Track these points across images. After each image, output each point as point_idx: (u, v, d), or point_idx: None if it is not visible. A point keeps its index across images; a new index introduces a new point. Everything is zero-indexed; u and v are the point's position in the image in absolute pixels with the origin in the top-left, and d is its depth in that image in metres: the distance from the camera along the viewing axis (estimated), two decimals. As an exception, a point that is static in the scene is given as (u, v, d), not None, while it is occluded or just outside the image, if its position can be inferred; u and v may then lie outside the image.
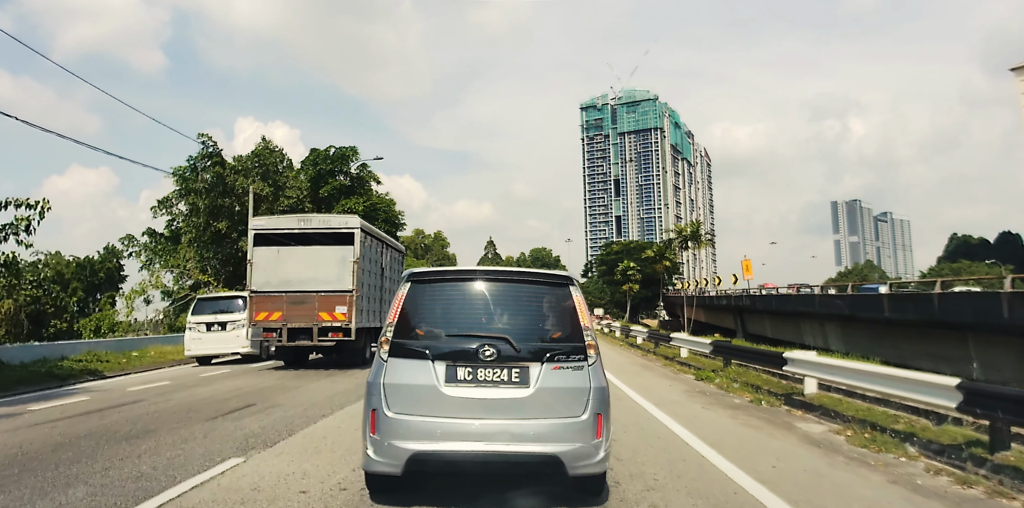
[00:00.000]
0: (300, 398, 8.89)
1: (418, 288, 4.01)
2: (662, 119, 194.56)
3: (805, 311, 27.26)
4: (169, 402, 8.68)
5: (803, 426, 7.28)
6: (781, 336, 31.09)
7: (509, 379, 3.72)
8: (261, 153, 32.50)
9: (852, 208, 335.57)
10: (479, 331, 3.83)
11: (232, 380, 11.70)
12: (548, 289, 4.09)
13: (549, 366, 3.75)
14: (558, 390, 3.73)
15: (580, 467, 3.65)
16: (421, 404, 3.68)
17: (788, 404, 8.84)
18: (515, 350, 3.72)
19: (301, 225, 14.01)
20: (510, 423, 3.65)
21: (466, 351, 3.73)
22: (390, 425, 3.65)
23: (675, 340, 15.90)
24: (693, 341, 14.52)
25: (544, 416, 3.68)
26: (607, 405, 3.84)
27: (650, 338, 20.55)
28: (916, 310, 18.61)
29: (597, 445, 3.70)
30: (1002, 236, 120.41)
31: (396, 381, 3.74)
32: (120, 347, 16.94)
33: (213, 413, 7.52)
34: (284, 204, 31.78)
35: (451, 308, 4.05)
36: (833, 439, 6.44)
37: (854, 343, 24.58)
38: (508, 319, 3.97)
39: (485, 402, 3.69)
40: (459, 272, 4.24)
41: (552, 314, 4.05)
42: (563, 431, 3.67)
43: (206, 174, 31.56)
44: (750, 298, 35.70)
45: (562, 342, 3.87)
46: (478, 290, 4.03)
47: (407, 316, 3.91)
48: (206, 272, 34.15)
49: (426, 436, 3.62)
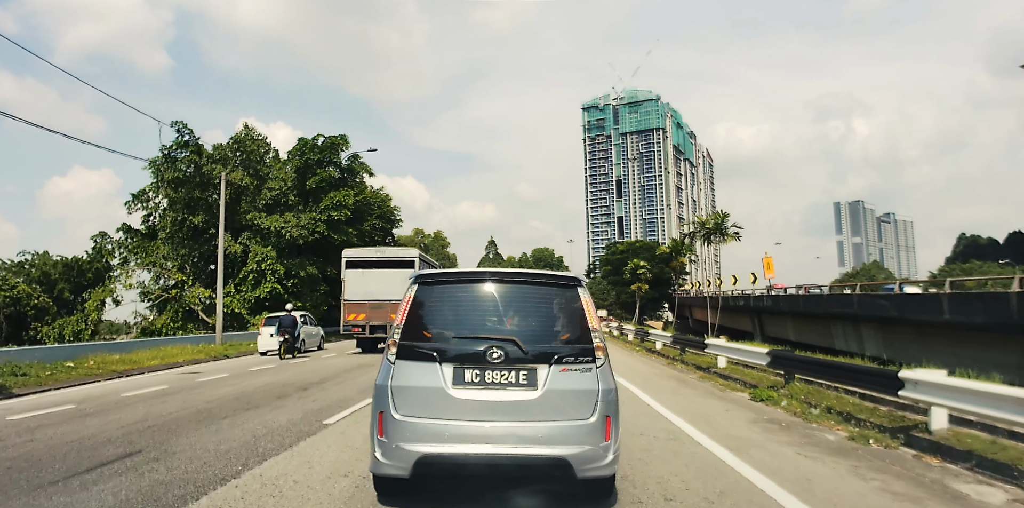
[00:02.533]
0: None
1: (425, 290, 3.97)
2: (664, 119, 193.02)
3: (839, 313, 24.64)
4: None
5: (969, 491, 4.73)
6: (806, 339, 28.47)
7: (517, 381, 3.69)
8: (242, 140, 29.86)
9: (855, 209, 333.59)
10: (487, 333, 3.79)
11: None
12: (556, 290, 4.03)
13: (557, 368, 3.71)
14: (566, 392, 3.69)
15: (589, 470, 3.60)
16: (429, 406, 3.65)
17: (910, 444, 6.27)
18: (523, 352, 3.69)
19: (377, 255, 20.90)
20: (518, 425, 3.60)
21: (474, 353, 3.70)
22: (398, 427, 3.61)
23: (712, 347, 13.27)
24: (739, 349, 11.86)
25: (552, 418, 3.63)
26: (616, 407, 3.78)
27: (675, 343, 17.88)
28: (987, 312, 16.01)
29: (606, 447, 3.66)
30: (1012, 236, 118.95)
31: (404, 383, 3.70)
32: (53, 356, 14.36)
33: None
34: (266, 196, 29.17)
35: (458, 310, 4.00)
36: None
37: (897, 348, 21.97)
38: (516, 321, 3.90)
39: (493, 404, 3.65)
40: (466, 274, 4.19)
41: (560, 316, 3.99)
42: (571, 433, 3.62)
43: (181, 164, 28.98)
44: (772, 298, 33.04)
45: (570, 344, 3.82)
46: (486, 292, 3.99)
47: (414, 318, 3.87)
48: (184, 270, 31.59)
49: (434, 438, 3.57)
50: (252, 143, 29.99)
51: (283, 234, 28.08)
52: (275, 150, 35.79)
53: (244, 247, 29.29)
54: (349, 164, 35.25)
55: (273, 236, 28.31)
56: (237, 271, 29.81)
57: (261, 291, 27.74)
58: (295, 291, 29.01)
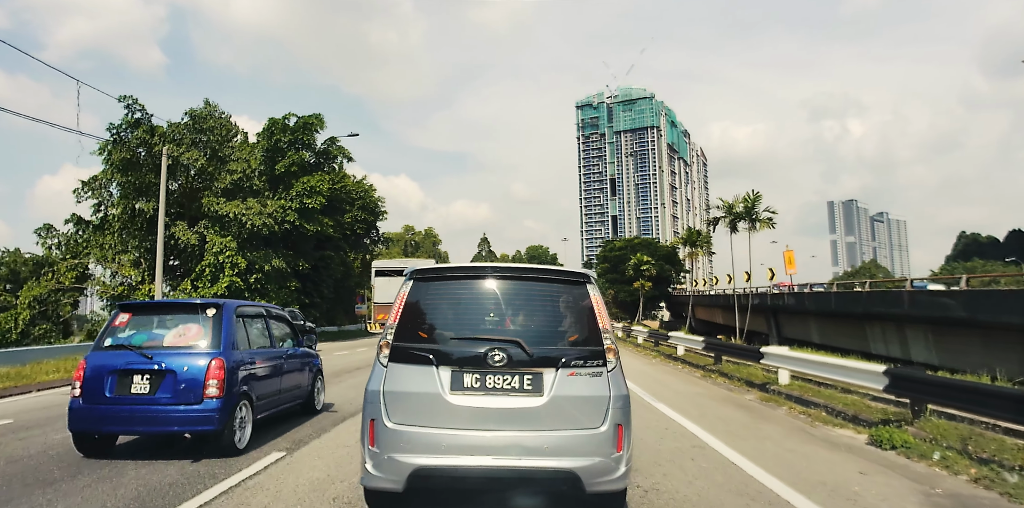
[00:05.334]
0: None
1: (420, 286, 3.68)
2: (658, 117, 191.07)
3: (882, 312, 21.53)
4: None
5: None
6: (834, 342, 25.35)
7: (521, 386, 3.41)
8: (200, 115, 26.32)
9: (849, 208, 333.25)
10: (488, 334, 3.51)
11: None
12: (563, 287, 3.71)
13: (565, 372, 3.43)
14: (575, 399, 3.41)
15: (599, 483, 3.30)
16: (424, 414, 3.38)
17: None
18: (527, 355, 3.42)
19: (401, 265, 25.93)
20: (522, 435, 3.33)
21: (474, 356, 3.43)
22: (390, 437, 3.35)
23: (772, 357, 10.02)
24: (824, 364, 8.47)
25: (559, 427, 3.36)
26: (628, 415, 3.48)
27: (708, 349, 14.57)
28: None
29: (618, 459, 3.36)
30: (1012, 234, 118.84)
31: (397, 389, 3.44)
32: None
33: None
34: (227, 180, 25.65)
35: (457, 308, 3.70)
36: None
37: (955, 354, 18.89)
38: (519, 320, 3.61)
39: (495, 412, 3.37)
40: (465, 268, 3.79)
41: (568, 315, 3.67)
42: (581, 444, 3.33)
43: (131, 144, 25.40)
44: (795, 296, 29.88)
45: (579, 346, 3.53)
46: (487, 289, 3.68)
47: (409, 317, 3.58)
48: (139, 266, 28.02)
49: (430, 449, 3.30)
50: (213, 120, 26.43)
51: (244, 222, 24.63)
52: (244, 133, 32.28)
53: (201, 237, 25.83)
54: (325, 147, 31.76)
55: (234, 225, 24.87)
56: (195, 265, 26.34)
57: (219, 287, 24.29)
58: (258, 287, 25.57)
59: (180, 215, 27.93)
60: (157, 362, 5.33)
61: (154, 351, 5.43)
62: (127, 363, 5.34)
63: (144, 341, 5.63)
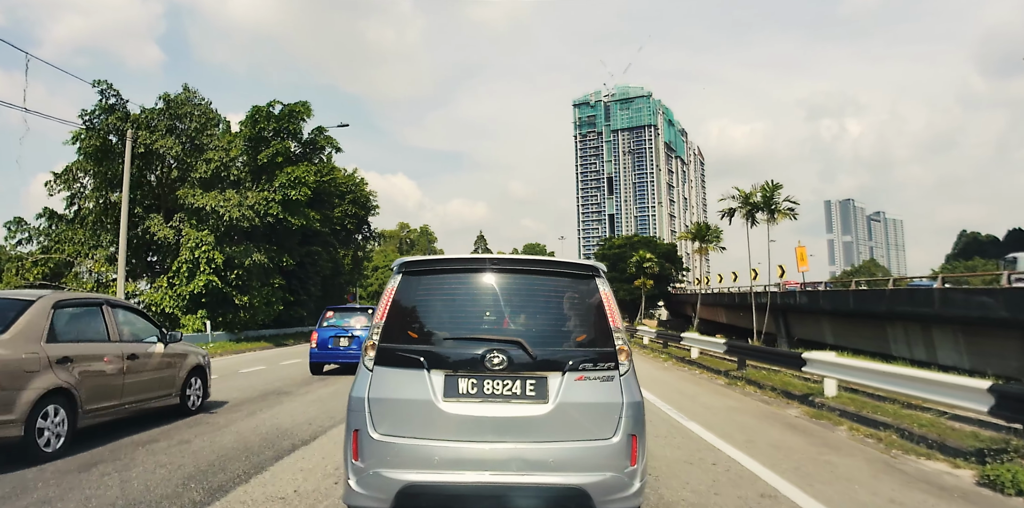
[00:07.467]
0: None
1: (411, 281, 3.27)
2: (656, 116, 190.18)
3: (907, 312, 20.07)
4: None
5: None
6: (850, 343, 23.89)
7: (523, 392, 3.05)
8: (177, 100, 24.63)
9: (845, 208, 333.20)
10: (486, 333, 3.14)
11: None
12: (571, 282, 3.34)
13: (572, 376, 3.06)
14: (583, 406, 3.05)
15: (611, 501, 2.93)
16: (414, 424, 3.01)
17: None
18: (530, 357, 3.05)
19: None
20: (524, 447, 2.96)
21: (470, 358, 3.06)
22: (376, 450, 2.98)
23: (815, 364, 8.47)
24: (897, 376, 6.85)
25: (566, 438, 3.00)
26: (643, 424, 3.11)
27: (731, 352, 13.01)
28: None
29: (632, 473, 2.99)
30: (1012, 233, 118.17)
31: (384, 395, 3.06)
32: None
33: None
34: (202, 169, 23.97)
35: (452, 305, 3.33)
36: None
37: (989, 357, 17.46)
38: (522, 319, 3.25)
39: (493, 421, 3.00)
40: (461, 260, 3.41)
41: (576, 312, 3.30)
42: (590, 457, 2.97)
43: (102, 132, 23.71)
44: (807, 294, 28.42)
45: (587, 347, 3.16)
46: (485, 283, 3.29)
47: (397, 315, 3.21)
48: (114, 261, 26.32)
49: (420, 464, 2.95)
50: (190, 106, 24.74)
51: (222, 215, 22.97)
52: (227, 121, 30.60)
53: (178, 231, 24.20)
54: (313, 137, 30.09)
55: (212, 218, 23.22)
56: (171, 262, 24.71)
57: (195, 285, 22.64)
58: (239, 284, 23.92)
59: (156, 208, 26.29)
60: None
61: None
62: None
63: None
